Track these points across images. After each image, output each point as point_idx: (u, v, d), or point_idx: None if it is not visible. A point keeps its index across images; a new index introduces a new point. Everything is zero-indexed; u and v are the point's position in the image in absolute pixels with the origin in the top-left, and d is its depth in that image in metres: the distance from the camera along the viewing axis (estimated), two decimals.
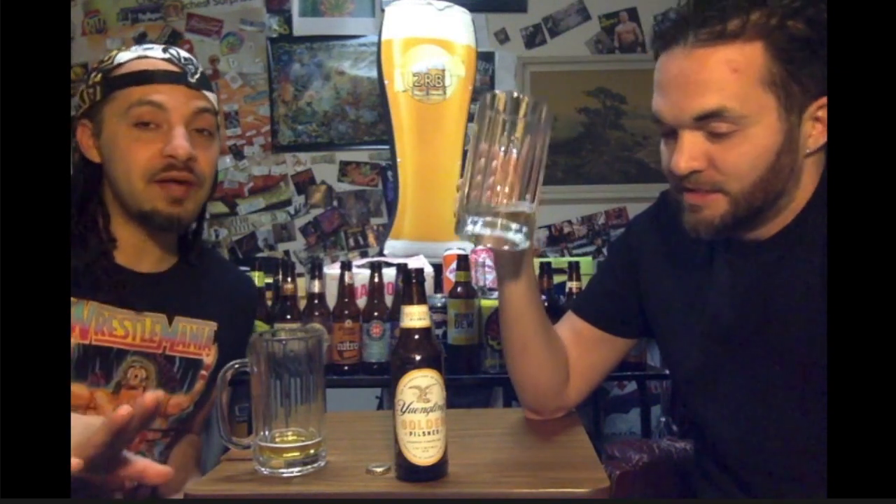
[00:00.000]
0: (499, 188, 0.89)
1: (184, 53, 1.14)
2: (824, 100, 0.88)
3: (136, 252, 1.14)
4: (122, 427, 0.81)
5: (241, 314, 1.29)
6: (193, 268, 1.20)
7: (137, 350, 1.11)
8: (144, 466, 0.88)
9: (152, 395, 0.84)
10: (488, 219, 0.90)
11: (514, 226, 0.90)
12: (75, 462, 0.77)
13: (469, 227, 0.91)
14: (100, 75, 1.10)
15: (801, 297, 0.91)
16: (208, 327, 1.18)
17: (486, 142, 0.91)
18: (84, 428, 0.82)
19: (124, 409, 0.81)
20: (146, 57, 1.11)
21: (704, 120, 0.87)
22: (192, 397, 1.18)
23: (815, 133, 0.90)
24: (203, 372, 1.18)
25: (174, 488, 1.13)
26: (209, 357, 1.18)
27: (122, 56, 1.11)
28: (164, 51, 1.12)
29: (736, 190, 0.89)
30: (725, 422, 1.01)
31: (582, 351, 1.13)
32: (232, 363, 0.92)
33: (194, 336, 1.16)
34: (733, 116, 0.86)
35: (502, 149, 0.90)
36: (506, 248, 0.93)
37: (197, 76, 1.12)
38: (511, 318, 1.08)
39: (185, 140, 1.07)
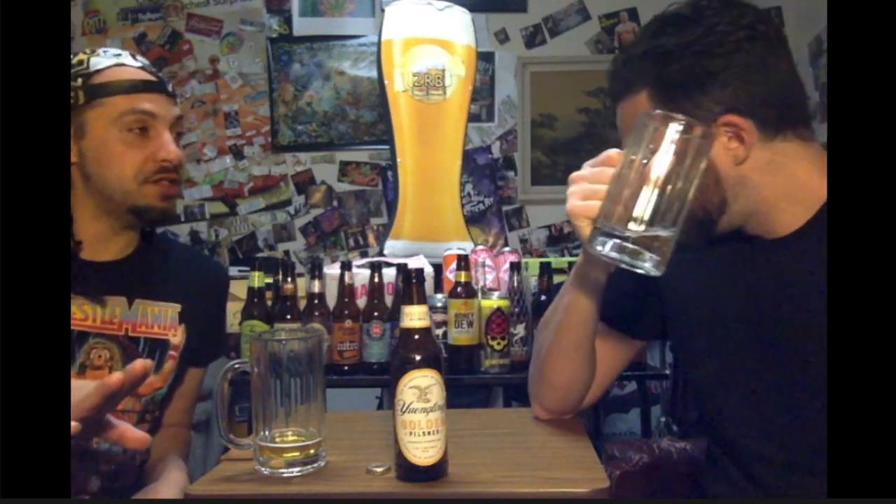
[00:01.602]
0: (638, 206, 0.86)
1: (146, 61, 1.22)
2: (728, 118, 0.92)
3: (100, 244, 1.18)
4: (115, 391, 0.87)
5: (209, 296, 1.33)
6: (153, 254, 1.25)
7: (98, 332, 1.15)
8: (123, 431, 0.93)
9: (141, 363, 0.89)
10: (617, 241, 0.86)
11: (647, 253, 0.85)
12: (74, 425, 0.81)
13: (598, 247, 0.87)
14: (79, 80, 1.13)
15: (820, 293, 0.92)
16: (171, 309, 1.22)
17: (638, 154, 0.88)
18: (75, 390, 0.85)
19: (116, 376, 0.87)
20: (123, 65, 1.17)
21: None
22: (163, 377, 1.21)
23: (733, 146, 0.94)
24: (171, 352, 1.22)
25: (155, 477, 1.16)
26: (176, 337, 1.22)
27: (98, 62, 1.15)
28: (134, 58, 1.19)
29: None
30: (744, 419, 1.01)
31: (598, 352, 1.14)
32: (232, 363, 0.92)
33: (157, 317, 1.21)
34: None
35: (653, 165, 0.86)
36: (638, 270, 0.89)
37: (170, 85, 1.22)
38: (576, 320, 1.08)
39: (174, 144, 1.17)
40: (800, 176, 0.95)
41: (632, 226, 0.85)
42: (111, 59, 1.16)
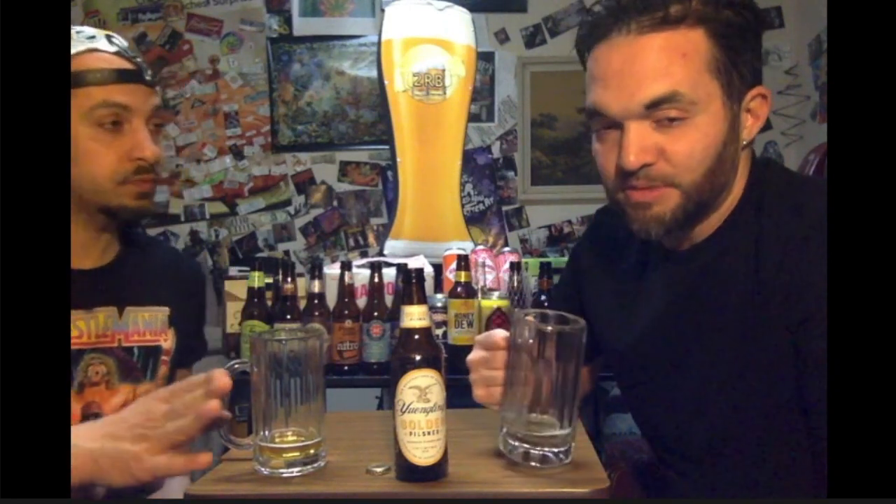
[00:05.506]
0: (525, 408, 0.87)
1: (124, 43, 1.11)
2: (757, 90, 0.89)
3: (80, 249, 1.11)
4: (214, 419, 0.85)
5: (192, 296, 1.29)
6: (137, 257, 1.19)
7: (93, 347, 1.10)
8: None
9: (220, 374, 0.86)
10: (514, 442, 0.88)
11: (540, 449, 0.87)
12: (207, 456, 0.85)
13: (503, 448, 0.90)
14: None
15: (732, 301, 0.90)
16: (161, 313, 1.18)
17: (517, 355, 0.88)
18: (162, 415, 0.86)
19: (213, 403, 0.84)
20: (97, 49, 1.05)
21: (655, 107, 0.85)
22: (158, 384, 1.18)
23: (748, 125, 0.90)
24: (164, 357, 1.18)
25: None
26: (167, 342, 1.18)
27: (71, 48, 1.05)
28: (110, 41, 1.08)
29: (687, 182, 0.87)
30: (665, 426, 1.02)
31: None
32: (232, 363, 0.92)
33: (148, 324, 1.16)
34: (685, 102, 0.84)
35: (536, 367, 0.86)
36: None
37: (149, 72, 1.11)
38: None
39: (151, 141, 1.07)
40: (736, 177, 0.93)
41: (522, 430, 0.87)
42: (84, 44, 1.04)
